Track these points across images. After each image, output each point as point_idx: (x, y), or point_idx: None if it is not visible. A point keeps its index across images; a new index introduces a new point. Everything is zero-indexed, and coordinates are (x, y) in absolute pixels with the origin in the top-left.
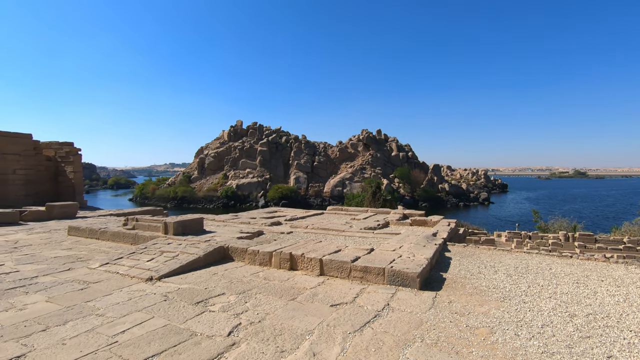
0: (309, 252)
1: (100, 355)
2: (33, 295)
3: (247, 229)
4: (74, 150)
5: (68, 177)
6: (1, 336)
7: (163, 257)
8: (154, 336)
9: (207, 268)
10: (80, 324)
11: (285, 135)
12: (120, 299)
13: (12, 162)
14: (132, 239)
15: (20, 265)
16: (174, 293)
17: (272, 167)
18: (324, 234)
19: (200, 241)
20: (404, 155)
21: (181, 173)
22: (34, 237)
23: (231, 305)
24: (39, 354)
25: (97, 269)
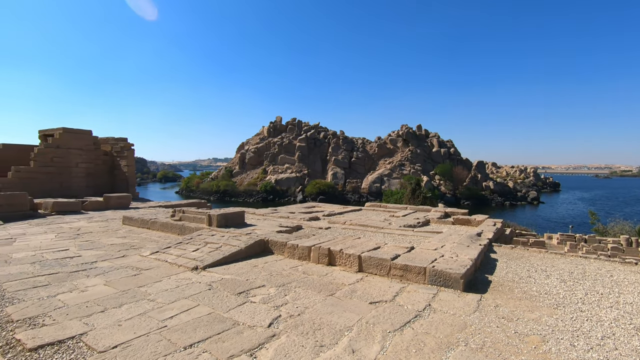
0: (348, 248)
1: (152, 337)
2: (93, 279)
3: (286, 223)
4: (128, 145)
5: (122, 170)
6: (67, 314)
7: (207, 248)
8: (200, 323)
9: (248, 260)
10: (134, 308)
11: (323, 130)
12: (169, 286)
13: (75, 156)
14: (179, 229)
15: (82, 251)
16: (217, 283)
17: (310, 163)
18: (362, 230)
19: (241, 234)
20: (446, 152)
21: (223, 167)
22: (94, 225)
23: (271, 297)
24: (99, 332)
25: (148, 257)
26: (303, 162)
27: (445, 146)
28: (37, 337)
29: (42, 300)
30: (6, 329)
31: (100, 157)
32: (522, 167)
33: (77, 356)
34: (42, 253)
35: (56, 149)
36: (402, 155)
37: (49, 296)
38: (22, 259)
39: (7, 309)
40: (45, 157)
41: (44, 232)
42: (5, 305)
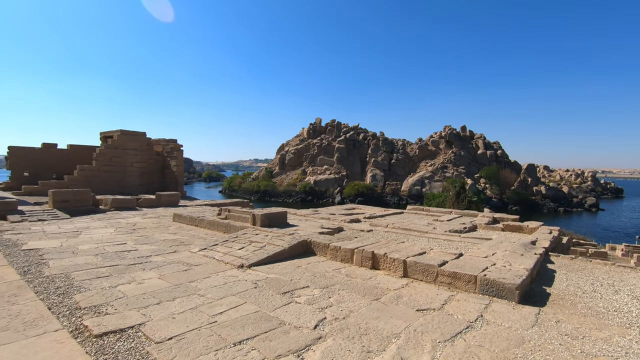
0: (392, 252)
1: (203, 332)
2: (148, 272)
3: (327, 224)
4: (177, 146)
5: (172, 170)
6: (127, 305)
7: (252, 246)
8: (247, 320)
9: (291, 260)
10: (186, 302)
11: (362, 132)
12: (217, 282)
13: (131, 156)
14: (224, 227)
15: (138, 245)
16: (262, 282)
17: (349, 164)
18: (406, 234)
19: (285, 234)
20: (492, 154)
21: (264, 168)
22: (147, 221)
23: (316, 298)
24: (155, 324)
25: (197, 253)
26: (342, 163)
27: (491, 148)
28: (102, 325)
29: (104, 290)
30: (75, 315)
31: (152, 157)
32: (578, 171)
33: (137, 345)
34: (103, 246)
35: (114, 150)
36: (444, 157)
37: (110, 286)
38: (86, 250)
39: (76, 296)
40: (105, 157)
41: (105, 226)
42: (74, 293)
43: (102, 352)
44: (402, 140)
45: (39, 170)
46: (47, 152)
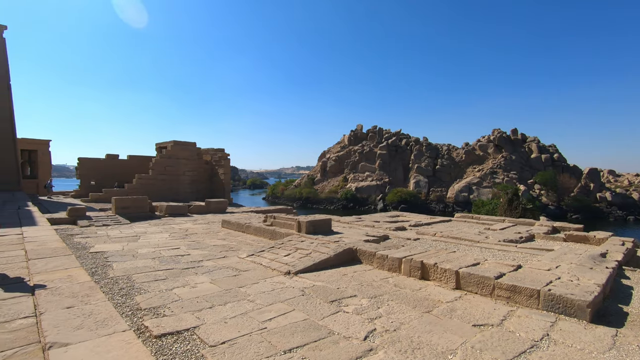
0: (443, 262)
1: (254, 337)
2: (201, 276)
3: (372, 232)
4: (225, 155)
5: (220, 177)
6: (182, 308)
7: (298, 253)
8: (296, 328)
9: (337, 268)
10: (236, 307)
11: (405, 137)
12: (265, 289)
13: (183, 165)
14: (270, 234)
15: (190, 250)
16: (309, 289)
17: (391, 171)
18: (455, 243)
19: (330, 241)
20: (548, 158)
21: (306, 175)
22: (198, 227)
23: (364, 308)
24: (208, 327)
25: (245, 259)
26: (384, 170)
27: (546, 151)
28: (160, 326)
29: (162, 292)
30: (137, 315)
31: (202, 166)
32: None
33: (192, 348)
34: (159, 250)
35: (168, 159)
36: (493, 162)
37: (167, 289)
38: (145, 254)
39: (137, 297)
40: (160, 166)
41: (160, 231)
42: (135, 295)
43: (162, 353)
44: (447, 145)
45: (103, 179)
46: (110, 162)
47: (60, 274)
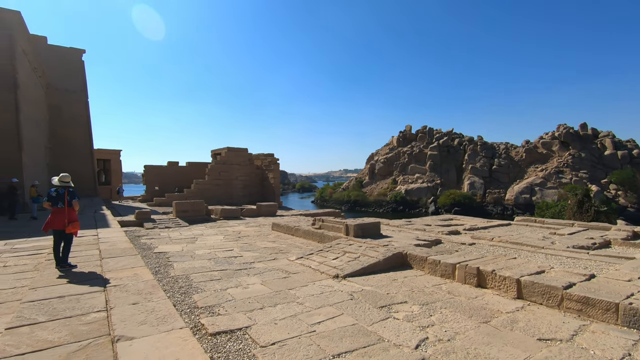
0: (502, 269)
1: (303, 340)
2: (252, 277)
3: (423, 236)
4: (274, 160)
5: (270, 182)
6: (235, 307)
7: (346, 257)
8: (345, 333)
9: (386, 273)
10: (286, 309)
11: (457, 137)
12: (314, 292)
13: (235, 171)
14: (318, 237)
15: (243, 252)
16: (358, 293)
17: (443, 172)
18: (516, 249)
19: (378, 245)
20: (625, 154)
21: (354, 178)
22: (250, 230)
23: (415, 315)
24: (259, 328)
25: (294, 262)
26: (435, 171)
27: (623, 147)
28: (215, 324)
29: (217, 292)
30: (194, 313)
31: (253, 171)
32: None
33: (244, 347)
34: (214, 251)
35: (222, 165)
36: (559, 161)
37: (221, 289)
38: (202, 255)
39: (194, 296)
40: (215, 172)
41: (215, 233)
42: (193, 293)
43: (216, 350)
44: (504, 143)
45: (166, 184)
46: (172, 169)
47: (128, 272)
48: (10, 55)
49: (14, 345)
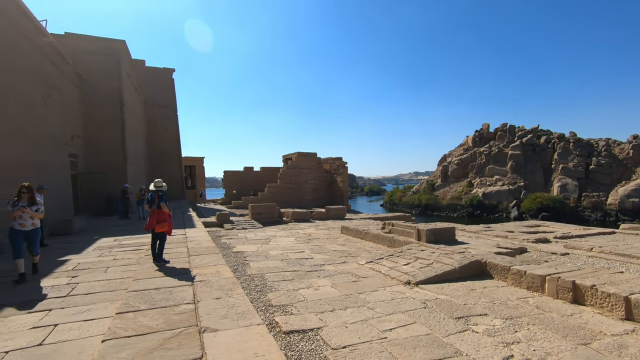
0: (604, 284)
1: (374, 346)
2: (322, 280)
3: (504, 243)
4: (343, 163)
5: (339, 185)
6: (306, 308)
7: (418, 263)
8: (418, 342)
9: (463, 282)
10: (357, 313)
11: (545, 134)
12: (384, 297)
13: (305, 175)
14: (388, 242)
15: (313, 254)
16: (432, 302)
17: (527, 173)
18: (623, 261)
19: (453, 252)
20: None
21: (425, 181)
22: (319, 232)
23: (497, 330)
24: (330, 330)
25: (364, 266)
26: (517, 172)
27: None
28: (288, 323)
29: (289, 292)
30: (269, 311)
31: (322, 175)
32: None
33: (316, 347)
34: (287, 253)
35: (293, 170)
36: None
37: (293, 289)
38: (275, 255)
39: (269, 294)
40: (286, 176)
41: (287, 235)
42: (268, 292)
43: (290, 349)
44: (604, 139)
45: (242, 188)
46: (247, 173)
47: (211, 269)
48: (117, 78)
49: (122, 328)
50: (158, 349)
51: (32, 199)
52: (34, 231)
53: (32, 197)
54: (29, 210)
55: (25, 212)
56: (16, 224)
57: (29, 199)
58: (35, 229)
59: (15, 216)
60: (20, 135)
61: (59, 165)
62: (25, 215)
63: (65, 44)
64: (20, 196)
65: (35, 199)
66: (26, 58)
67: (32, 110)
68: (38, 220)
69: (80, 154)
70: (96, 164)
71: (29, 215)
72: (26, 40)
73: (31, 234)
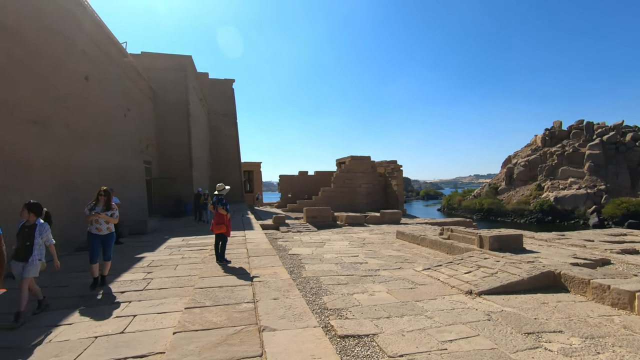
0: None
1: (433, 357)
2: (377, 285)
3: (582, 253)
4: (397, 167)
5: (393, 189)
6: (361, 313)
7: (480, 271)
8: (482, 357)
9: (532, 294)
10: (414, 321)
11: (631, 130)
12: (443, 306)
13: (359, 178)
14: (447, 248)
15: (367, 258)
16: (497, 314)
17: (609, 175)
18: None
19: (521, 261)
20: None
21: (487, 184)
22: (374, 237)
23: (575, 350)
24: (386, 337)
25: (421, 272)
26: (597, 174)
27: None
28: (343, 327)
29: (344, 296)
30: (324, 314)
31: (376, 178)
32: None
33: (372, 354)
34: (341, 256)
35: (346, 173)
36: None
37: (348, 293)
38: (329, 259)
39: (324, 297)
40: (340, 180)
41: (341, 239)
42: (322, 295)
43: (345, 353)
44: None
45: (297, 192)
46: (302, 178)
47: (269, 270)
48: (184, 91)
49: (190, 322)
50: (222, 344)
51: (108, 203)
52: (109, 235)
53: (109, 202)
54: (104, 216)
55: (100, 217)
56: (93, 228)
57: (105, 203)
58: (110, 233)
59: (91, 220)
60: (106, 144)
61: (137, 171)
62: (101, 220)
63: (140, 62)
64: (98, 199)
65: (111, 204)
66: (111, 77)
67: (115, 122)
68: (113, 225)
69: (153, 161)
70: (166, 170)
71: (104, 220)
72: (110, 61)
73: (107, 238)
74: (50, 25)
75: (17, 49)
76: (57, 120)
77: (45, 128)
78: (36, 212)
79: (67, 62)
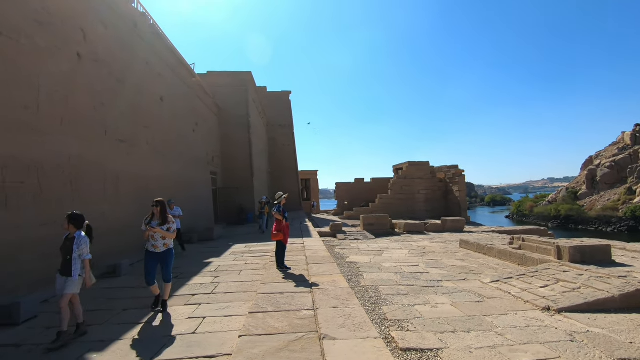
0: None
1: None
2: (440, 297)
3: None
4: (459, 172)
5: (455, 195)
6: (424, 326)
7: (559, 286)
8: None
9: (625, 314)
10: (482, 337)
11: None
12: (516, 323)
13: (417, 185)
14: (518, 259)
15: (429, 268)
16: (582, 335)
17: None
18: None
19: (610, 275)
20: None
21: (563, 188)
22: (435, 246)
23: None
24: (452, 353)
25: (489, 285)
26: None
27: None
28: (405, 340)
29: (404, 307)
30: (384, 324)
31: (436, 184)
32: None
33: None
34: (400, 265)
35: (404, 180)
36: None
37: (409, 304)
38: (388, 268)
39: (384, 307)
40: (397, 187)
41: (400, 247)
42: (382, 305)
43: None
44: None
45: (353, 199)
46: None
47: (327, 278)
48: (245, 105)
49: (254, 326)
50: (284, 349)
51: (164, 216)
52: (167, 253)
53: (164, 213)
54: (160, 230)
55: (156, 232)
56: (149, 245)
57: (161, 216)
58: (168, 250)
59: (148, 236)
60: (178, 158)
61: (204, 182)
62: (157, 236)
63: (206, 80)
64: (153, 212)
65: (167, 216)
66: (181, 96)
67: (185, 137)
68: (170, 240)
69: (218, 172)
70: (229, 180)
71: (160, 236)
72: (182, 82)
73: (165, 256)
74: (132, 54)
75: (108, 77)
76: (140, 138)
77: (133, 146)
78: (76, 224)
79: (147, 85)
